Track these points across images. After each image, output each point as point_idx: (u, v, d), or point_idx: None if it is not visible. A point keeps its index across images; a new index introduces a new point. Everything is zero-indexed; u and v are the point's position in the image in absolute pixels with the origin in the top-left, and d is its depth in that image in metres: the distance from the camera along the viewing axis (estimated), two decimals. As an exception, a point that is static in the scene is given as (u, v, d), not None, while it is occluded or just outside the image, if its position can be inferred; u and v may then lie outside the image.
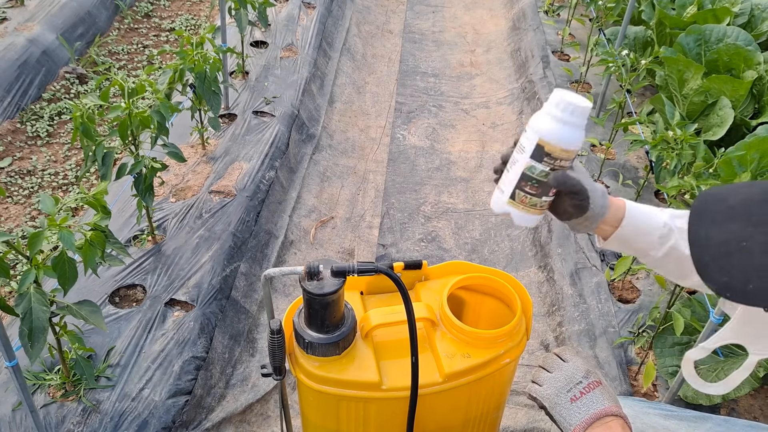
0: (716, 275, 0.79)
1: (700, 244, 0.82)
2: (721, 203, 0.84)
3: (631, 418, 1.33)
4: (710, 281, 0.79)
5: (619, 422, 0.98)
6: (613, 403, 0.98)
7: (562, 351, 1.11)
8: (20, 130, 3.34)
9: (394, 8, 5.33)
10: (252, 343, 2.43)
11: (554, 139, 1.02)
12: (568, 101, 1.01)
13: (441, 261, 2.11)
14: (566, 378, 1.05)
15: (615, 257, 2.75)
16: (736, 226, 0.79)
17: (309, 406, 1.38)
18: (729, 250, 0.78)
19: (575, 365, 1.07)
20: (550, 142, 1.02)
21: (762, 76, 3.04)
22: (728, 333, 0.98)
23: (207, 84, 2.70)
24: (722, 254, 0.79)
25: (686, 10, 3.71)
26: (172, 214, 2.73)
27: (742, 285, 0.76)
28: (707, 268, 0.80)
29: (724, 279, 0.78)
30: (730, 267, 0.78)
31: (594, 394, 1.00)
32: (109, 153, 2.21)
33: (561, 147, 1.03)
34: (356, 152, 3.63)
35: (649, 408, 1.41)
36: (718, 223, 0.81)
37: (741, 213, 0.81)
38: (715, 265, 0.79)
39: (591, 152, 3.39)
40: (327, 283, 1.22)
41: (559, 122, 1.02)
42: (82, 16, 4.07)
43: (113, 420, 1.96)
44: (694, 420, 1.35)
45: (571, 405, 1.00)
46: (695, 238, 0.83)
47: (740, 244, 0.78)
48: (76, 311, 1.78)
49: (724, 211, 0.82)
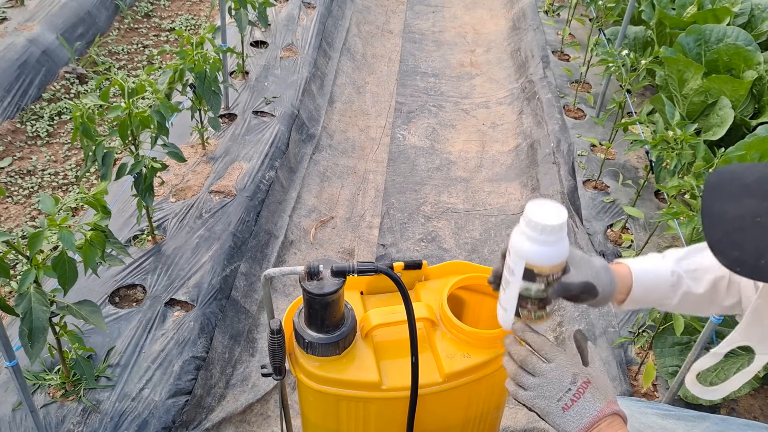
0: (728, 249, 0.78)
1: (713, 219, 0.81)
2: (736, 180, 0.83)
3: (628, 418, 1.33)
4: (721, 255, 0.78)
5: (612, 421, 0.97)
6: (604, 403, 0.97)
7: (542, 347, 1.04)
8: (20, 130, 3.34)
9: (394, 8, 5.33)
10: (252, 343, 2.43)
11: (540, 261, 1.03)
12: (541, 224, 1.00)
13: (441, 261, 2.11)
14: (554, 386, 0.99)
15: (615, 257, 2.74)
16: (751, 201, 0.79)
17: (309, 406, 1.38)
18: (743, 225, 0.78)
19: (560, 369, 1.00)
20: (537, 264, 1.03)
21: (762, 76, 3.04)
22: (737, 336, 0.98)
23: (207, 84, 2.70)
24: (735, 229, 0.78)
25: (686, 10, 3.71)
26: (172, 214, 2.73)
27: (754, 260, 0.76)
28: (719, 243, 0.79)
29: (735, 253, 0.77)
30: (743, 241, 0.77)
31: (585, 399, 0.97)
32: (109, 153, 2.21)
33: (549, 265, 1.03)
34: (356, 152, 3.63)
35: (646, 408, 1.41)
36: (733, 199, 0.80)
37: (757, 189, 0.80)
38: (727, 239, 0.78)
39: (591, 152, 3.39)
40: (327, 283, 1.22)
41: (540, 244, 1.02)
42: (82, 16, 4.07)
43: (113, 420, 1.96)
44: (692, 419, 1.35)
45: (563, 414, 0.97)
46: (709, 212, 0.82)
47: (755, 220, 0.77)
48: (76, 311, 1.78)
49: (739, 187, 0.82)
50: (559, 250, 1.04)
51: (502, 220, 3.16)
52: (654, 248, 2.74)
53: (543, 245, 1.02)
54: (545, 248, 1.02)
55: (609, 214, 2.98)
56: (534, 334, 1.06)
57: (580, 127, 3.59)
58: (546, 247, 1.02)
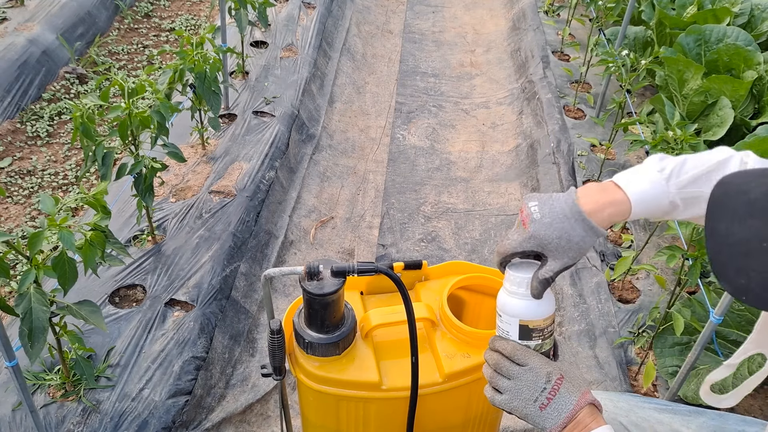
0: (733, 276, 0.74)
1: (718, 241, 0.76)
2: (741, 195, 0.77)
3: (625, 411, 1.33)
4: (726, 282, 0.74)
5: (587, 411, 0.98)
6: (579, 395, 0.98)
7: (513, 353, 1.04)
8: (20, 130, 3.34)
9: (394, 8, 5.33)
10: (252, 343, 2.43)
11: (534, 316, 1.04)
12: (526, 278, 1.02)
13: (441, 261, 2.11)
14: (529, 388, 1.00)
15: (615, 257, 2.75)
16: (758, 223, 0.73)
17: (309, 406, 1.38)
18: (749, 249, 0.73)
19: (533, 371, 1.01)
20: (532, 319, 1.04)
21: (762, 76, 3.04)
22: (750, 345, 0.98)
23: (207, 84, 2.70)
24: (742, 254, 0.73)
25: (686, 10, 3.71)
26: (172, 214, 2.73)
27: (761, 289, 0.72)
28: (724, 268, 0.75)
29: (742, 281, 0.73)
30: (749, 269, 0.72)
31: (560, 395, 0.98)
32: (109, 153, 2.21)
33: (542, 318, 1.05)
34: (356, 152, 3.63)
35: (643, 402, 1.41)
36: (738, 219, 0.75)
37: (762, 208, 0.74)
38: (733, 265, 0.74)
39: (591, 152, 3.39)
40: (327, 283, 1.22)
41: (530, 299, 1.04)
42: (82, 16, 4.07)
43: (113, 420, 1.96)
44: (689, 414, 1.34)
45: (541, 413, 0.98)
46: (714, 232, 0.77)
47: (762, 245, 0.72)
48: (76, 311, 1.78)
49: (744, 204, 0.76)
50: (550, 302, 1.06)
51: (502, 220, 3.16)
52: (654, 248, 2.74)
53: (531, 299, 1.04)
54: (537, 303, 1.04)
55: (609, 214, 2.97)
56: (504, 342, 1.06)
57: (580, 127, 3.59)
58: (538, 303, 1.04)
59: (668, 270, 2.67)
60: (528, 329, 1.05)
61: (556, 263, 0.99)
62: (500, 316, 1.08)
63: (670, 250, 2.11)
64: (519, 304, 1.05)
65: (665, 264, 2.36)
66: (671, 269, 2.66)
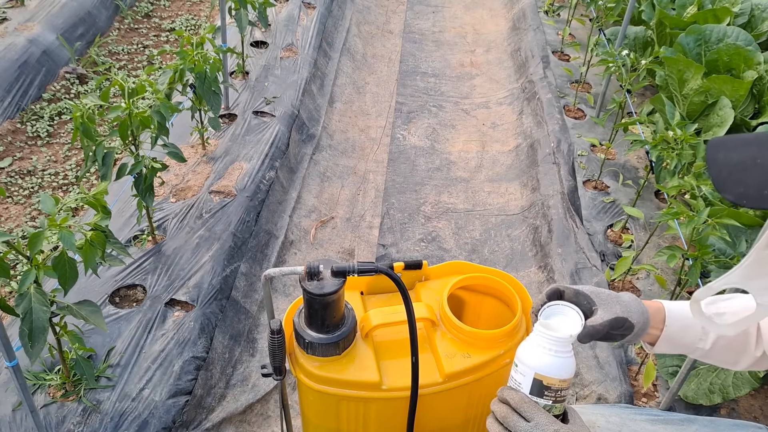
0: (733, 187, 0.89)
1: (718, 165, 0.92)
2: (735, 138, 0.96)
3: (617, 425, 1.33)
4: (728, 192, 0.89)
5: None
6: None
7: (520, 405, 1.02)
8: (20, 130, 3.34)
9: (394, 8, 5.33)
10: (252, 343, 2.43)
11: (551, 372, 1.01)
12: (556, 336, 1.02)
13: (441, 261, 2.11)
14: None
15: (615, 257, 2.75)
16: (751, 149, 0.91)
17: (309, 406, 1.38)
18: (745, 166, 0.90)
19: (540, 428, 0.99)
20: (548, 376, 1.01)
21: (762, 76, 3.04)
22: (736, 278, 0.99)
23: (207, 84, 2.70)
24: (739, 170, 0.90)
25: (686, 10, 3.71)
26: (172, 214, 2.73)
27: (757, 192, 0.87)
28: (725, 183, 0.90)
29: (740, 189, 0.89)
30: (747, 178, 0.89)
31: None
32: (109, 153, 2.21)
33: (558, 378, 1.02)
34: (356, 152, 3.63)
35: (635, 414, 1.41)
36: (734, 149, 0.93)
37: (755, 141, 0.92)
38: (732, 178, 0.90)
39: (591, 152, 3.40)
40: (327, 283, 1.22)
41: (554, 354, 1.01)
42: (82, 16, 4.07)
43: (113, 420, 1.96)
44: (681, 423, 1.35)
45: None
46: (713, 160, 0.93)
47: (755, 162, 0.89)
48: (76, 311, 1.78)
49: (739, 141, 0.94)
50: (570, 363, 1.03)
51: (502, 220, 3.16)
52: (654, 248, 2.74)
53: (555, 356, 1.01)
54: (557, 357, 1.02)
55: (609, 214, 2.98)
56: (513, 392, 1.04)
57: (580, 127, 3.59)
58: (558, 358, 1.02)
59: (668, 270, 2.67)
60: (541, 385, 1.01)
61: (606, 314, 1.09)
62: (516, 366, 1.05)
63: (670, 250, 2.11)
64: (540, 355, 1.02)
65: (665, 264, 2.36)
66: (671, 269, 2.66)
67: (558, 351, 1.02)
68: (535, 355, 1.02)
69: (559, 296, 1.16)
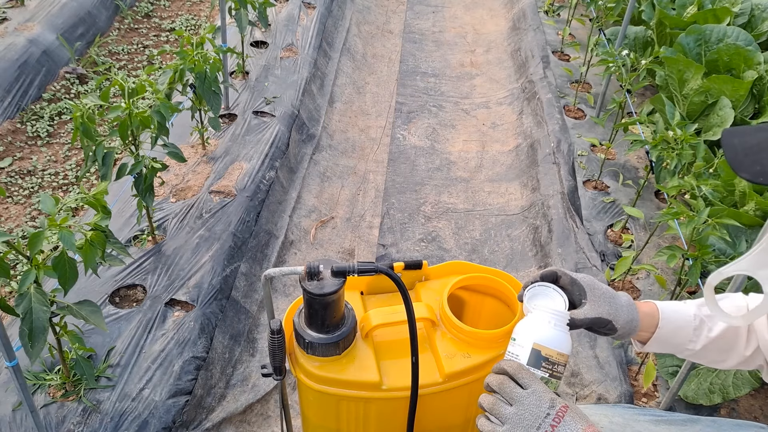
0: (750, 166, 0.96)
1: (734, 148, 0.99)
2: (749, 127, 1.02)
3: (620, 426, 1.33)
4: (745, 171, 0.95)
5: None
6: (585, 425, 0.95)
7: (518, 372, 1.01)
8: (20, 130, 3.34)
9: (394, 8, 5.33)
10: (252, 343, 2.43)
11: (550, 343, 1.04)
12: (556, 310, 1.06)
13: (441, 261, 2.11)
14: (532, 413, 0.96)
15: (615, 257, 2.75)
16: (765, 134, 0.98)
17: (309, 406, 1.38)
18: (761, 147, 0.96)
19: (537, 394, 0.98)
20: (547, 346, 1.03)
21: (762, 76, 3.04)
22: (746, 265, 1.01)
23: (207, 84, 2.70)
24: (755, 152, 0.96)
25: (686, 10, 3.71)
26: (172, 214, 2.73)
27: None
28: (741, 164, 0.96)
29: (757, 168, 0.95)
30: (763, 158, 0.95)
31: (565, 422, 0.95)
32: (109, 153, 2.21)
33: (557, 350, 1.04)
34: (356, 152, 3.63)
35: (638, 415, 1.41)
36: (748, 134, 1.00)
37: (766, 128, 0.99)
38: (748, 159, 0.96)
39: (591, 152, 3.39)
40: (327, 283, 1.22)
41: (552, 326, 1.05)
42: (82, 16, 4.07)
43: (113, 420, 1.96)
44: (684, 423, 1.35)
45: None
46: (729, 144, 0.99)
47: None
48: (76, 311, 1.78)
49: (752, 128, 1.01)
50: (567, 338, 1.06)
51: (502, 220, 3.16)
52: (654, 248, 2.74)
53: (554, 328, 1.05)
54: (554, 330, 1.05)
55: (609, 214, 2.98)
56: (510, 362, 1.04)
57: (580, 127, 3.59)
58: (556, 331, 1.05)
59: (668, 270, 2.67)
60: (539, 355, 1.02)
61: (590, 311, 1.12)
62: (513, 340, 1.06)
63: (670, 250, 2.11)
64: (539, 327, 1.04)
65: (665, 264, 2.36)
66: (671, 269, 2.66)
67: (557, 324, 1.05)
68: (534, 327, 1.05)
69: (554, 279, 1.18)
